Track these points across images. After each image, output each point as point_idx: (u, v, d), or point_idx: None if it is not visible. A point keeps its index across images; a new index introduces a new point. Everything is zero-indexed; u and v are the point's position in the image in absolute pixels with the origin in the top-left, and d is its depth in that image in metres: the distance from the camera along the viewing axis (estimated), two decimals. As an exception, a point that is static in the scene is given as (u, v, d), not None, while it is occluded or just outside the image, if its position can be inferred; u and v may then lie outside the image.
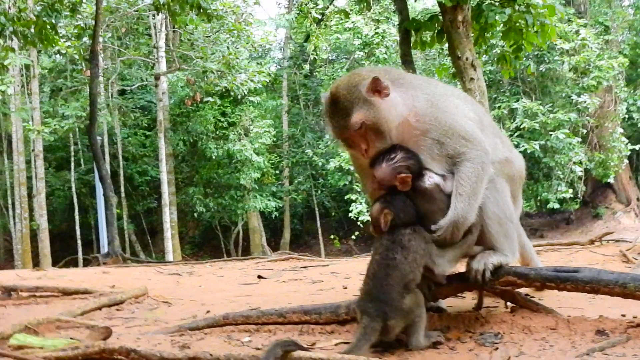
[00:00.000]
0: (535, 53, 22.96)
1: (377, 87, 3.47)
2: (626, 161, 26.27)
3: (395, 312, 3.18)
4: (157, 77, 22.83)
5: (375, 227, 3.46)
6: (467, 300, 4.21)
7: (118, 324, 4.09)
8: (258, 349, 3.37)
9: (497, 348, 3.17)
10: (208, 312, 4.29)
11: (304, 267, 6.88)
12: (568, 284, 3.41)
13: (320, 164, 26.02)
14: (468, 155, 3.44)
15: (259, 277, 6.19)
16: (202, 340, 3.61)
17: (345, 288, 5.04)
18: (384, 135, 3.46)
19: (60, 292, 4.97)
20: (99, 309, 4.43)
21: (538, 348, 3.18)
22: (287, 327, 3.73)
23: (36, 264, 19.51)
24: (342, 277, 5.85)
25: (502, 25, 10.27)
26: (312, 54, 26.43)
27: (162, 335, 3.69)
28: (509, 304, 3.80)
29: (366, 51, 23.76)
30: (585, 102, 22.94)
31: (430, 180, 3.44)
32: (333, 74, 26.09)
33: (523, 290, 3.81)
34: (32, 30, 12.56)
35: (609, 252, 6.25)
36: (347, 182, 23.73)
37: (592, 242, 7.21)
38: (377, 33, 23.18)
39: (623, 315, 3.46)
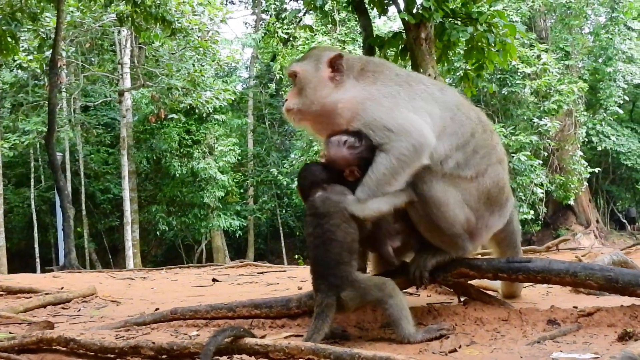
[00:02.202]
0: (498, 76, 23.37)
1: (334, 63, 3.58)
2: (586, 184, 26.73)
3: (346, 283, 3.09)
4: (121, 94, 22.59)
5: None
6: (421, 297, 4.17)
7: (62, 320, 3.95)
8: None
9: (448, 337, 3.12)
10: (157, 309, 4.16)
11: (261, 273, 6.79)
12: (520, 274, 3.39)
13: (285, 183, 25.93)
14: (387, 146, 3.33)
15: (214, 280, 6.08)
16: (148, 334, 3.49)
17: (301, 289, 4.96)
18: (305, 101, 3.58)
19: (4, 291, 4.78)
20: (44, 306, 4.27)
21: (490, 338, 3.15)
22: (236, 322, 3.62)
23: (-9, 281, 18.94)
24: (298, 279, 5.78)
25: (464, 43, 10.41)
26: (278, 74, 26.46)
27: (107, 331, 3.56)
28: (462, 297, 3.76)
29: (332, 71, 23.78)
30: (546, 125, 23.32)
31: None
32: (299, 94, 26.08)
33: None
34: (-8, 39, 12.32)
35: (565, 258, 6.26)
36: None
37: (548, 248, 7.28)
38: (343, 54, 23.25)
39: (575, 307, 3.44)
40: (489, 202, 3.58)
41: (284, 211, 28.71)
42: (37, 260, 23.44)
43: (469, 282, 3.74)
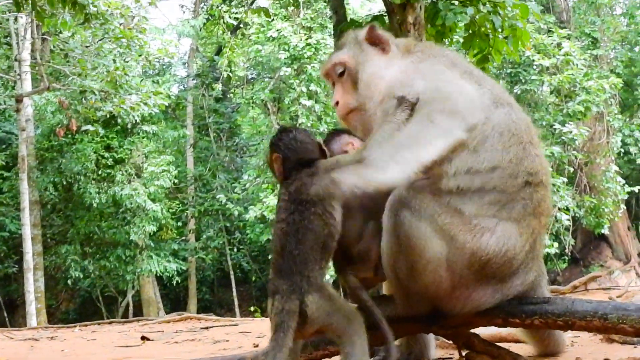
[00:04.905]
0: (508, 71, 23.65)
1: (373, 37, 3.93)
2: (623, 207, 26.82)
3: (313, 286, 3.10)
4: (18, 100, 22.40)
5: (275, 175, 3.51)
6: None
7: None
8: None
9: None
10: (69, 377, 4.16)
11: (205, 328, 6.81)
12: (536, 319, 3.45)
13: (236, 213, 25.90)
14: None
15: (143, 338, 6.09)
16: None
17: (257, 346, 4.98)
18: (366, 89, 3.83)
19: None
20: None
21: (499, 401, 3.20)
22: (174, 390, 3.64)
23: None
24: (253, 336, 5.81)
25: (463, 29, 10.54)
26: (226, 71, 26.54)
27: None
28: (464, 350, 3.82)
29: (295, 67, 23.92)
30: (571, 132, 23.49)
31: None
32: (253, 97, 26.17)
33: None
34: None
35: (597, 300, 6.37)
36: (270, 237, 23.62)
37: (574, 287, 7.38)
38: (308, 44, 23.41)
39: (606, 360, 3.52)
40: (483, 273, 3.47)
41: (235, 250, 28.66)
42: None
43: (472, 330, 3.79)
